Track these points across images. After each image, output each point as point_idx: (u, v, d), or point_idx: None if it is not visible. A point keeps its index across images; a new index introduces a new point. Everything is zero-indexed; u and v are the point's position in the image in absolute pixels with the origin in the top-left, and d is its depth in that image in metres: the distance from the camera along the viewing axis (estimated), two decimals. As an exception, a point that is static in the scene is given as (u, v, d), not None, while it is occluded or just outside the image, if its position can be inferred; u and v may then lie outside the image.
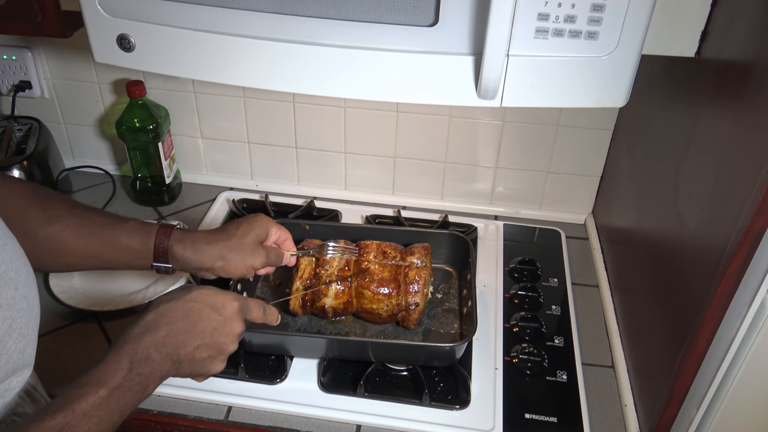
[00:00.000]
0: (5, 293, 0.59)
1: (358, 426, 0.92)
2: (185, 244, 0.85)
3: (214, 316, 0.72)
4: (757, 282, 0.66)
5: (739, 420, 0.76)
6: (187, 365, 0.71)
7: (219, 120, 1.33)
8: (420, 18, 0.70)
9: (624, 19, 0.66)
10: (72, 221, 0.80)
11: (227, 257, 0.86)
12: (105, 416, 0.61)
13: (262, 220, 0.91)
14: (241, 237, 0.88)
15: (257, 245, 0.89)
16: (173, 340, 0.69)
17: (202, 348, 0.71)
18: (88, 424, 0.59)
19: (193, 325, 0.71)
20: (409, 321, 1.00)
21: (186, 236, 0.85)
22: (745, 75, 0.70)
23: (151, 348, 0.66)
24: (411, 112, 1.25)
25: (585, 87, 0.71)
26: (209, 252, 0.86)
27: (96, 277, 1.14)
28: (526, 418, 0.92)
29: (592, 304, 1.14)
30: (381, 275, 0.99)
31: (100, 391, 0.61)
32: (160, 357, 0.67)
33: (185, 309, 0.71)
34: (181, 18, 0.75)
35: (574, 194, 1.31)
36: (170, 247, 0.84)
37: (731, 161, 0.71)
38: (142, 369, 0.65)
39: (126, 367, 0.64)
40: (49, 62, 1.30)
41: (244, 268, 0.88)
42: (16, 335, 0.60)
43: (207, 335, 0.71)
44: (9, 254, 0.61)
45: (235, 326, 0.74)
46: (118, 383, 0.62)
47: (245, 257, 0.87)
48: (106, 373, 0.63)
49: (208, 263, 0.86)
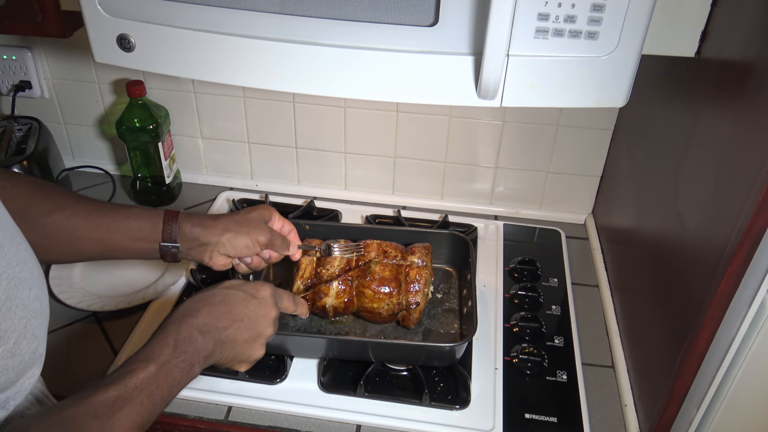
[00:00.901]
0: (21, 294, 0.60)
1: (358, 426, 0.92)
2: (193, 221, 0.88)
3: (249, 299, 0.77)
4: (757, 282, 0.66)
5: (739, 420, 0.76)
6: (230, 347, 0.74)
7: (219, 120, 1.33)
8: (420, 18, 0.70)
9: (624, 19, 0.66)
10: (79, 208, 0.82)
11: (233, 229, 0.90)
12: (155, 390, 0.64)
13: (265, 206, 0.96)
14: (245, 213, 0.93)
15: (262, 222, 0.93)
16: (213, 322, 0.72)
17: (242, 329, 0.75)
18: (139, 396, 0.62)
19: (230, 309, 0.75)
20: (409, 320, 1.00)
21: (192, 215, 0.90)
22: (745, 75, 0.70)
23: (194, 329, 0.70)
24: (411, 112, 1.25)
25: (585, 87, 0.71)
26: (215, 226, 0.89)
27: (96, 277, 1.14)
28: (526, 418, 0.92)
29: (592, 304, 1.14)
30: (382, 274, 0.99)
31: (150, 367, 0.64)
32: (203, 338, 0.70)
33: (222, 294, 0.76)
34: (181, 18, 0.75)
35: (574, 194, 1.31)
36: (179, 225, 0.87)
37: (731, 161, 0.71)
38: (186, 348, 0.68)
39: (171, 345, 0.68)
40: (49, 62, 1.30)
41: (249, 241, 0.90)
42: (29, 335, 0.61)
43: (245, 317, 0.76)
44: (23, 255, 0.62)
45: (270, 310, 0.79)
46: (165, 360, 0.66)
47: (250, 230, 0.90)
48: (154, 351, 0.66)
49: (215, 236, 0.89)
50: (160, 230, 0.86)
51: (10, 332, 0.58)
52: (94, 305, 1.07)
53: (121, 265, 1.17)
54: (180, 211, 0.89)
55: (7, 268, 0.58)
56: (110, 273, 1.15)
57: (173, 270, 1.15)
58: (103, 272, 1.15)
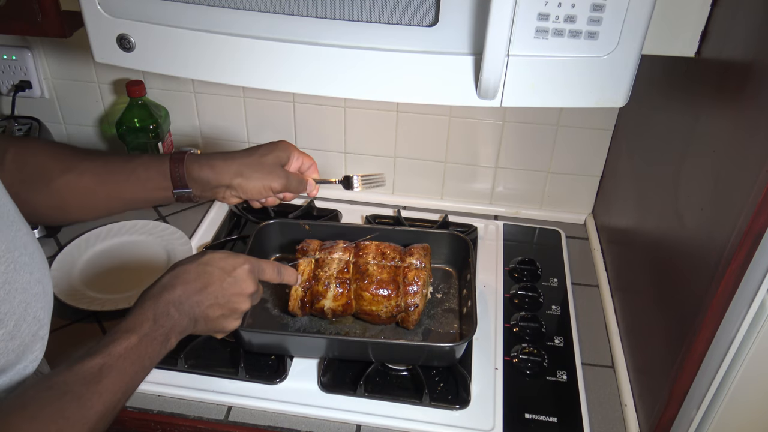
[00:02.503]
0: (21, 277, 0.60)
1: (358, 426, 0.92)
2: (201, 164, 0.86)
3: (225, 277, 0.78)
4: (757, 282, 0.66)
5: (739, 420, 0.76)
6: (203, 322, 0.77)
7: (219, 120, 1.33)
8: (420, 18, 0.70)
9: (624, 19, 0.66)
10: (89, 165, 0.83)
11: (245, 174, 0.87)
12: (137, 359, 0.67)
13: (284, 144, 0.92)
14: (261, 156, 0.89)
15: (277, 166, 0.90)
16: (188, 299, 0.74)
17: (215, 307, 0.77)
18: (123, 363, 0.65)
19: (205, 286, 0.76)
20: (408, 322, 1.00)
21: (201, 157, 0.87)
22: (745, 75, 0.70)
23: (170, 305, 0.73)
24: (411, 112, 1.25)
25: (585, 87, 0.71)
26: (227, 168, 0.87)
27: (96, 277, 1.14)
28: (526, 418, 0.92)
29: (592, 304, 1.14)
30: (380, 277, 0.99)
31: (131, 338, 0.67)
32: (178, 313, 0.73)
33: (198, 271, 0.77)
34: (181, 18, 0.75)
35: (574, 194, 1.31)
36: (186, 170, 0.85)
37: (731, 161, 0.71)
38: (164, 322, 0.71)
39: (151, 319, 0.70)
40: (49, 62, 1.30)
41: (261, 187, 0.88)
42: (30, 319, 0.61)
43: (219, 295, 0.77)
44: (23, 240, 0.62)
45: (245, 286, 0.79)
46: (146, 332, 0.69)
47: (264, 176, 0.88)
48: (134, 323, 0.69)
49: (226, 180, 0.87)
50: (168, 177, 0.85)
51: (10, 315, 0.58)
52: (94, 305, 1.07)
53: (122, 265, 1.17)
54: (186, 153, 0.87)
55: (6, 252, 0.59)
56: (110, 273, 1.15)
57: (173, 270, 1.15)
58: (103, 272, 1.15)
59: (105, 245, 1.21)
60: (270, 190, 0.89)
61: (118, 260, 1.18)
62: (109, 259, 1.19)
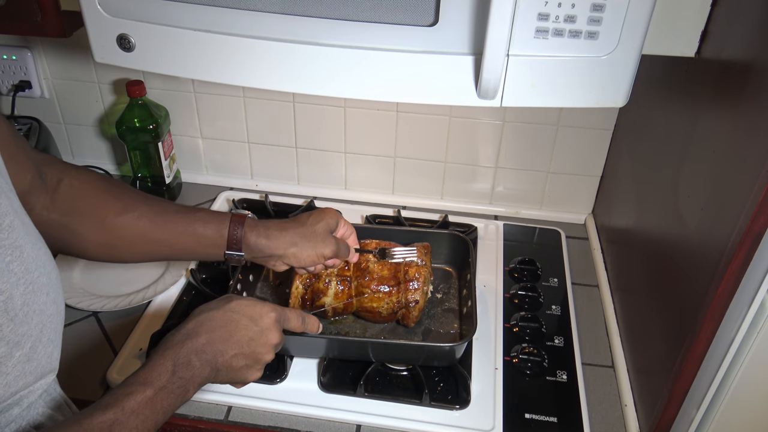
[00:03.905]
0: (38, 298, 0.60)
1: (358, 426, 0.92)
2: (258, 232, 0.86)
3: (251, 326, 0.75)
4: (757, 282, 0.66)
5: (739, 420, 0.76)
6: (225, 372, 0.73)
7: (219, 120, 1.33)
8: (420, 18, 0.70)
9: (624, 19, 0.66)
10: (146, 210, 0.82)
11: (299, 244, 0.88)
12: (151, 415, 0.64)
13: (332, 212, 0.94)
14: (313, 225, 0.90)
15: (327, 234, 0.91)
16: (212, 348, 0.71)
17: (239, 357, 0.74)
18: (135, 421, 0.62)
19: (230, 335, 0.73)
20: (409, 319, 1.00)
21: (259, 224, 0.87)
22: (745, 75, 0.70)
23: (192, 354, 0.69)
24: (411, 112, 1.25)
25: (585, 87, 0.71)
26: (282, 239, 0.87)
27: (96, 277, 1.14)
28: (526, 418, 0.92)
29: (592, 304, 1.14)
30: (380, 273, 0.99)
31: (147, 391, 0.64)
32: (200, 363, 0.70)
33: (224, 319, 0.74)
34: (181, 18, 0.75)
35: (574, 194, 1.31)
36: (244, 235, 0.85)
37: (731, 161, 0.71)
38: (184, 373, 0.68)
39: (170, 370, 0.67)
40: (49, 62, 1.30)
41: (315, 256, 0.89)
42: (45, 340, 0.61)
43: (244, 345, 0.74)
44: (42, 260, 0.62)
45: (271, 337, 0.77)
46: (163, 384, 0.65)
47: (316, 245, 0.89)
48: (152, 375, 0.66)
49: (280, 250, 0.87)
50: (225, 238, 0.85)
51: (27, 337, 0.58)
52: (94, 305, 1.07)
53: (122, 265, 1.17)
54: (246, 217, 0.86)
55: (26, 273, 0.58)
56: (110, 273, 1.15)
57: (173, 270, 1.15)
58: (103, 272, 1.15)
59: (105, 245, 1.21)
60: (322, 257, 0.90)
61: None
62: (109, 259, 1.19)
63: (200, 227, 0.84)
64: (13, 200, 0.61)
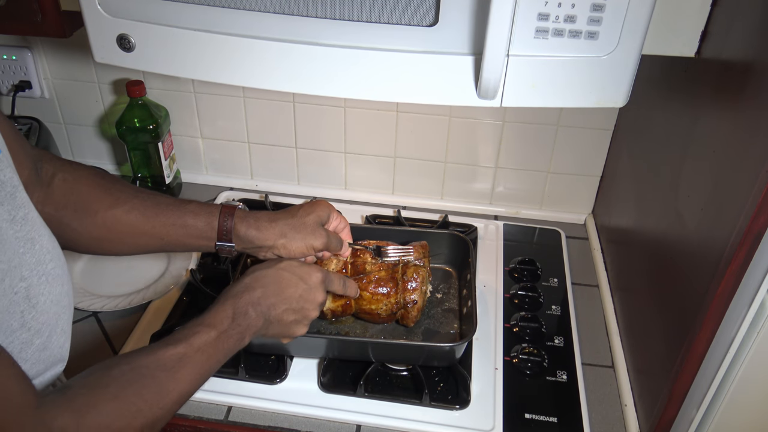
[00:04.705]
0: (54, 290, 0.61)
1: (358, 426, 0.92)
2: (248, 223, 0.88)
3: (300, 284, 0.82)
4: (757, 282, 0.66)
5: (739, 420, 0.76)
6: (276, 325, 0.81)
7: (219, 120, 1.33)
8: (420, 18, 0.70)
9: (624, 19, 0.66)
10: (138, 203, 0.83)
11: (289, 235, 0.89)
12: (213, 353, 0.71)
13: (323, 204, 0.95)
14: (303, 216, 0.91)
15: (318, 226, 0.92)
16: (266, 301, 0.79)
17: (289, 312, 0.81)
18: (201, 357, 0.70)
19: (282, 290, 0.81)
20: (408, 319, 1.00)
21: (249, 215, 0.89)
22: (745, 75, 0.70)
23: (249, 305, 0.77)
24: (411, 112, 1.25)
25: (585, 87, 0.71)
26: (272, 230, 0.89)
27: (96, 277, 1.14)
28: (526, 418, 0.92)
29: (592, 304, 1.14)
30: (378, 275, 0.99)
31: (212, 332, 0.72)
32: (255, 314, 0.77)
33: (276, 276, 0.82)
34: (181, 18, 0.75)
35: (574, 194, 1.31)
36: (234, 226, 0.87)
37: (731, 161, 0.71)
38: (242, 321, 0.76)
39: (230, 316, 0.75)
40: (49, 62, 1.30)
41: (304, 247, 0.90)
42: (59, 331, 0.63)
43: (293, 300, 0.81)
44: (54, 252, 0.63)
45: (318, 295, 0.84)
46: (225, 329, 0.73)
47: (306, 236, 0.90)
48: (216, 319, 0.74)
49: (270, 241, 0.88)
50: (215, 229, 0.86)
51: (46, 326, 0.60)
52: (94, 305, 1.07)
53: (122, 265, 1.17)
54: (236, 208, 0.88)
55: (39, 265, 0.59)
56: (110, 273, 1.15)
57: (173, 270, 1.15)
58: (103, 272, 1.16)
59: (105, 245, 1.21)
60: (312, 249, 0.90)
61: (118, 260, 1.18)
62: (109, 259, 1.18)
63: (191, 219, 0.85)
64: (24, 194, 0.62)
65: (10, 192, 0.57)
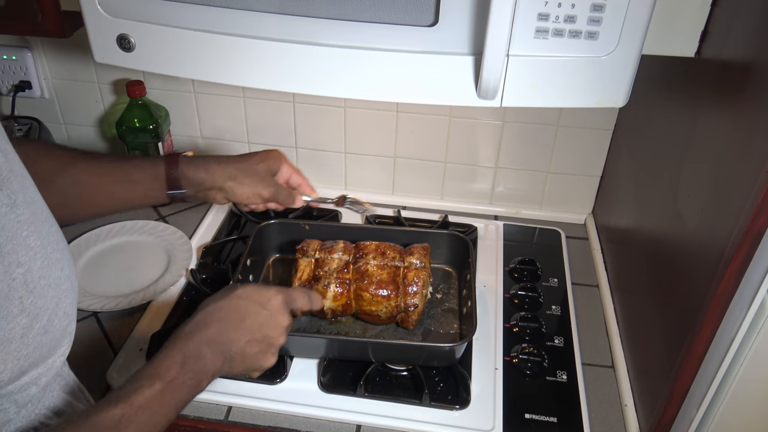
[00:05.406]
0: (53, 273, 0.61)
1: (358, 426, 0.92)
2: (196, 166, 0.88)
3: (260, 310, 0.75)
4: (757, 282, 0.66)
5: (739, 420, 0.76)
6: (240, 361, 0.73)
7: (219, 120, 1.33)
8: (420, 18, 0.70)
9: (624, 19, 0.66)
10: (84, 165, 0.84)
11: (238, 178, 0.90)
12: (160, 409, 0.64)
13: (276, 153, 0.95)
14: (255, 163, 0.92)
15: (269, 175, 0.93)
16: (223, 337, 0.71)
17: (252, 343, 0.74)
18: (144, 415, 0.62)
19: (240, 321, 0.73)
20: (408, 322, 1.00)
21: (195, 159, 0.89)
22: (745, 75, 0.70)
23: (203, 345, 0.69)
24: (411, 112, 1.25)
25: (585, 87, 0.71)
26: (221, 171, 0.90)
27: (96, 277, 1.14)
28: (526, 418, 0.92)
29: (592, 304, 1.14)
30: (379, 277, 0.99)
31: (156, 385, 0.64)
32: (212, 354, 0.69)
33: (232, 306, 0.74)
34: (181, 18, 0.75)
35: (574, 194, 1.31)
36: (181, 172, 0.87)
37: (731, 161, 0.71)
38: (195, 365, 0.67)
39: (179, 362, 0.66)
40: (49, 62, 1.30)
41: (251, 193, 0.91)
42: (61, 314, 0.62)
43: (255, 330, 0.74)
44: (55, 236, 0.64)
45: (281, 319, 0.77)
46: (172, 377, 0.65)
47: (255, 183, 0.91)
48: (160, 368, 0.65)
49: (219, 182, 0.89)
50: (163, 179, 0.87)
51: (44, 310, 0.59)
52: (94, 305, 1.07)
53: (122, 265, 1.17)
54: (180, 156, 0.89)
55: (42, 248, 0.59)
56: (110, 273, 1.15)
57: (173, 270, 1.15)
58: (103, 272, 1.15)
59: (105, 245, 1.21)
60: (259, 197, 0.92)
61: (118, 260, 1.18)
62: (109, 259, 1.19)
63: (137, 173, 0.86)
64: (27, 178, 0.62)
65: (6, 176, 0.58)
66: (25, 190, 0.61)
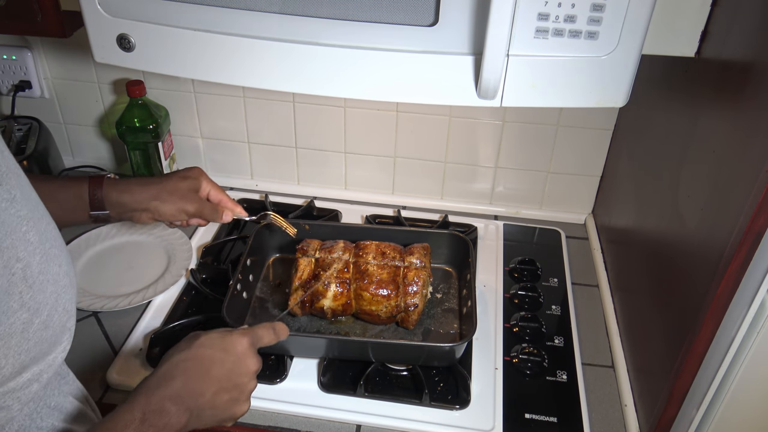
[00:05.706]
0: (51, 269, 0.61)
1: (358, 426, 0.92)
2: (120, 189, 0.90)
3: (226, 357, 0.72)
4: (757, 282, 0.66)
5: (739, 420, 0.76)
6: (210, 413, 0.70)
7: (219, 120, 1.33)
8: (420, 18, 0.70)
9: (624, 19, 0.66)
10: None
11: (161, 197, 0.92)
12: None
13: (196, 171, 0.97)
14: (177, 182, 0.94)
15: (192, 192, 0.95)
16: (188, 390, 0.68)
17: (221, 392, 0.70)
18: None
19: (206, 372, 0.70)
20: (408, 322, 1.00)
21: (119, 182, 0.91)
22: (745, 75, 0.70)
23: (166, 400, 0.65)
24: (411, 112, 1.25)
25: (585, 87, 0.71)
26: (144, 193, 0.92)
27: (96, 277, 1.14)
28: (526, 418, 0.92)
29: (592, 304, 1.14)
30: (380, 276, 0.99)
31: None
32: (176, 409, 0.66)
33: (196, 356, 0.70)
34: (181, 18, 0.75)
35: (574, 194, 1.31)
36: (104, 194, 0.89)
37: (731, 161, 0.71)
38: (157, 421, 0.63)
39: (138, 419, 0.63)
40: (49, 62, 1.30)
41: (176, 210, 0.92)
42: (60, 309, 0.62)
43: (223, 379, 0.71)
44: (52, 233, 0.64)
45: (250, 363, 0.74)
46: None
47: (178, 200, 0.93)
48: (117, 425, 0.62)
49: (143, 203, 0.91)
50: (86, 201, 0.88)
51: (44, 305, 0.59)
52: (94, 305, 1.07)
53: (122, 265, 1.17)
54: (104, 178, 0.90)
55: (40, 244, 0.60)
56: (110, 273, 1.15)
57: (173, 270, 1.15)
58: (103, 272, 1.15)
59: (105, 245, 1.21)
60: (184, 213, 0.93)
61: (118, 260, 1.18)
62: (109, 259, 1.19)
63: (61, 194, 0.87)
64: (22, 176, 0.63)
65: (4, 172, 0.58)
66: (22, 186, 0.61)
